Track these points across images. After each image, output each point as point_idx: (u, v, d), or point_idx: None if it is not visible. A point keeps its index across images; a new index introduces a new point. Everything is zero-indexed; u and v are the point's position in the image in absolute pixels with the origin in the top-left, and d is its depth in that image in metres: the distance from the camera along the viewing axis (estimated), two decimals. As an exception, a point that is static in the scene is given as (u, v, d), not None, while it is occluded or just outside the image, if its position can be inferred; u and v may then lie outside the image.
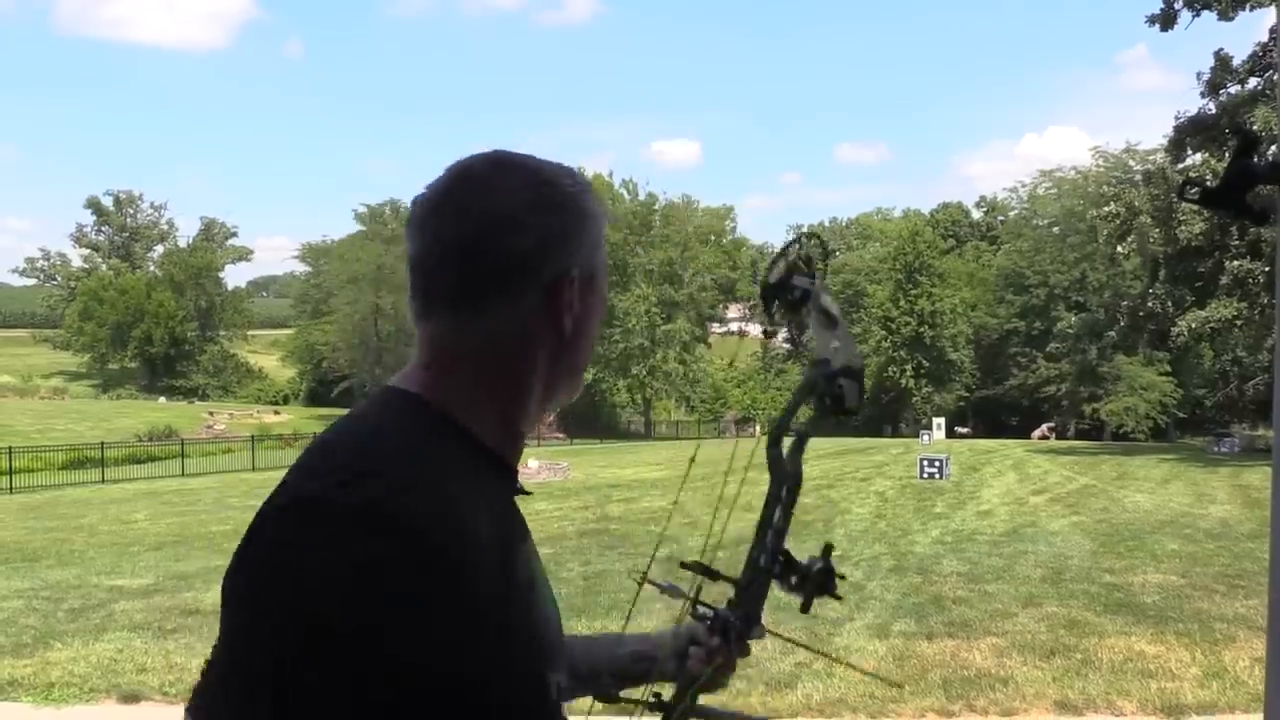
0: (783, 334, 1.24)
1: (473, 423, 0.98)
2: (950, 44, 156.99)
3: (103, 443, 29.07)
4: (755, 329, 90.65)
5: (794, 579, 1.10)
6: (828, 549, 1.12)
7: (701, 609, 1.16)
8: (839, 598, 1.11)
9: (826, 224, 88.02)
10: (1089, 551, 10.76)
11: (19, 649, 6.83)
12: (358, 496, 0.85)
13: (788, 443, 1.13)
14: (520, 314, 0.99)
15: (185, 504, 17.90)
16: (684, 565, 1.16)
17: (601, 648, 1.32)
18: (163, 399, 66.99)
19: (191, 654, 6.52)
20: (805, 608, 1.10)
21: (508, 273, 0.98)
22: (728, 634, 1.12)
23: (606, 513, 15.10)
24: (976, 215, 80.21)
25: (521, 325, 1.00)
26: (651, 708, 1.13)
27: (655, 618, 7.48)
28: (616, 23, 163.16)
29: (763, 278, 1.21)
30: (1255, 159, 1.03)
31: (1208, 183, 1.07)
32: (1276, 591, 1.02)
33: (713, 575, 1.15)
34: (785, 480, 1.10)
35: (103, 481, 24.93)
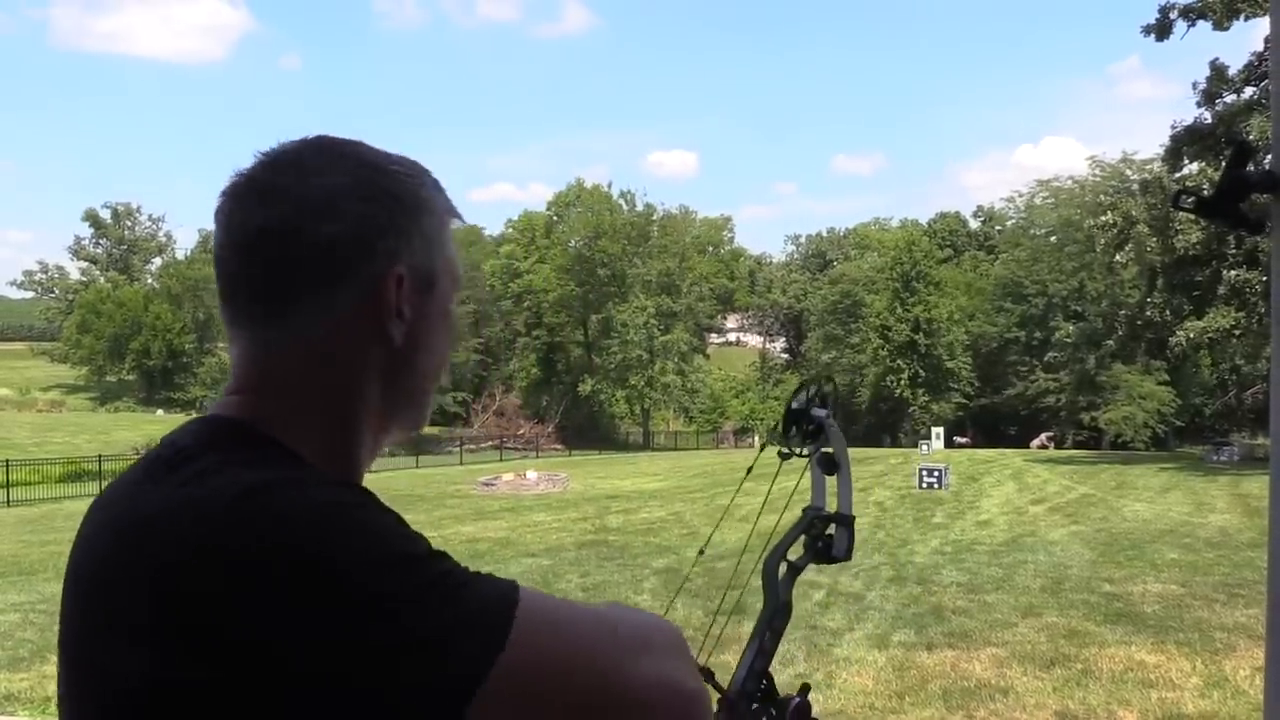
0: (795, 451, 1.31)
1: (302, 448, 0.84)
2: (945, 54, 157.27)
3: (100, 455, 29.01)
4: (753, 339, 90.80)
5: (772, 711, 1.14)
6: (805, 689, 1.15)
7: None
8: None
9: (824, 234, 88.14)
10: (1088, 561, 10.75)
11: (16, 663, 6.81)
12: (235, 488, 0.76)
13: (783, 569, 1.19)
14: (334, 317, 0.86)
15: (183, 516, 17.86)
16: None
17: None
18: (160, 411, 66.89)
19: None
20: None
21: (316, 266, 0.85)
22: None
23: (605, 524, 15.07)
24: (974, 225, 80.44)
25: (337, 330, 0.86)
26: None
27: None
28: (612, 35, 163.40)
29: (786, 400, 1.29)
30: (1250, 168, 1.03)
31: (1204, 192, 1.07)
32: (1275, 600, 1.02)
33: (707, 676, 1.14)
34: (776, 608, 1.17)
35: (100, 494, 24.88)
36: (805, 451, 1.28)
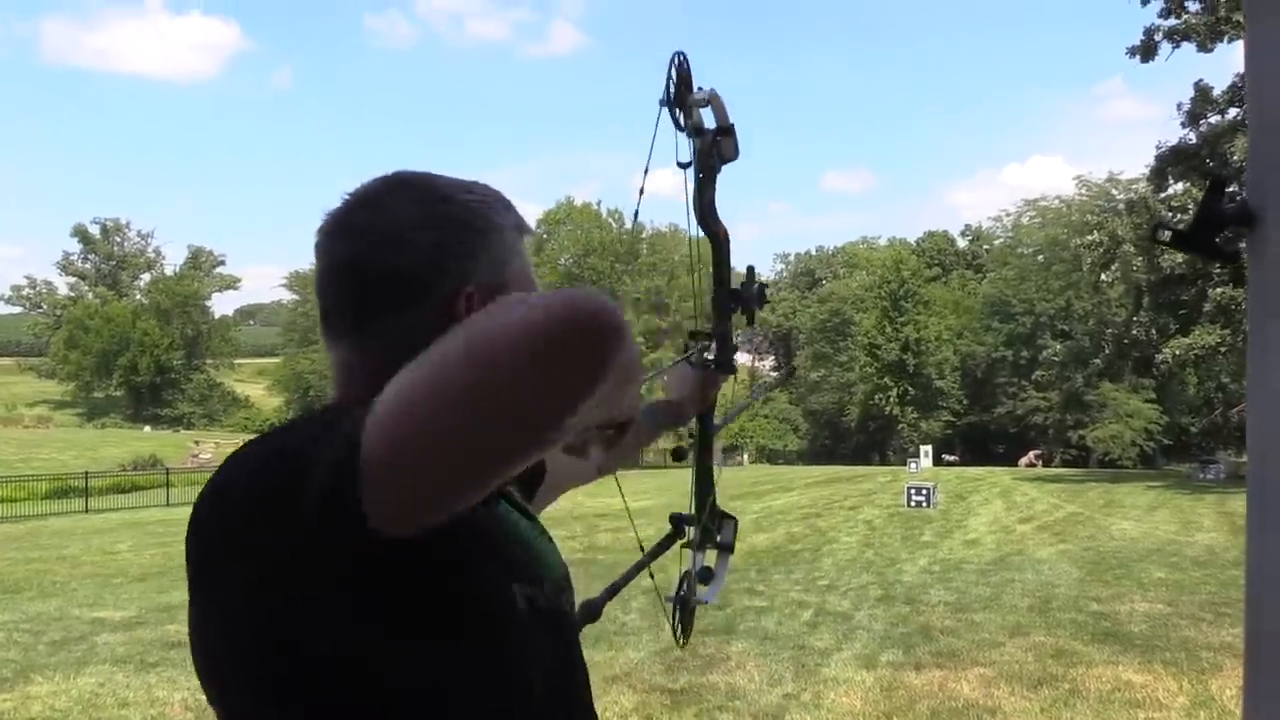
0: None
1: None
2: (934, 74, 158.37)
3: (87, 472, 28.82)
4: (742, 357, 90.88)
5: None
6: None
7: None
8: None
9: (813, 252, 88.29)
10: (1076, 580, 10.76)
11: (-1, 683, 6.75)
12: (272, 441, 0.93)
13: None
14: (415, 332, 0.93)
15: (169, 534, 17.73)
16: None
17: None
18: (148, 428, 66.57)
19: (174, 688, 6.45)
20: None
21: (396, 290, 0.98)
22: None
23: (594, 543, 15.04)
24: (962, 244, 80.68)
25: (414, 342, 0.91)
26: None
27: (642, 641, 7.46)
28: (599, 53, 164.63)
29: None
30: (1228, 193, 1.05)
31: (1179, 224, 1.09)
32: (1253, 619, 1.03)
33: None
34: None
35: (86, 511, 24.71)
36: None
